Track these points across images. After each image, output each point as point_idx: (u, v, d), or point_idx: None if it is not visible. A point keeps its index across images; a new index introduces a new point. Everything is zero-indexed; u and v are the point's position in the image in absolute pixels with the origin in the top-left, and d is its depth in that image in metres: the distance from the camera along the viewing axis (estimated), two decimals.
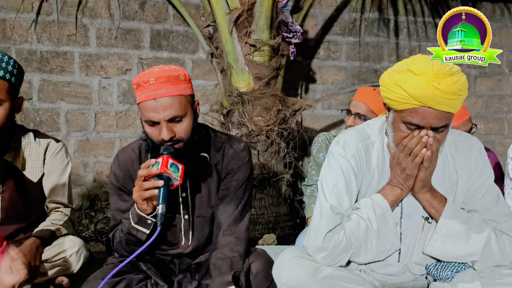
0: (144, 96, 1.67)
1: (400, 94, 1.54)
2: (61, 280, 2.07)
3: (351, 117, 2.71)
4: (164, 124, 1.67)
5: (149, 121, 1.68)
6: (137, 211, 1.73)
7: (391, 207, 1.66)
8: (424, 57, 1.58)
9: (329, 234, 1.64)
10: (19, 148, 2.14)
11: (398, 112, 1.59)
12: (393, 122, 1.63)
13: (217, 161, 1.87)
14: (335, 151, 1.72)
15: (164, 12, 4.06)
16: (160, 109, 1.65)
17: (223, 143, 1.89)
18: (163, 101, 1.65)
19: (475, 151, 1.73)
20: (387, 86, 1.60)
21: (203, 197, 1.87)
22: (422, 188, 1.64)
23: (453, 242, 1.64)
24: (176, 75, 1.70)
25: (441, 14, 4.25)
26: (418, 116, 1.54)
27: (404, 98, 1.53)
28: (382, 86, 1.63)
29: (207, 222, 1.88)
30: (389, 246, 1.67)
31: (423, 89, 1.50)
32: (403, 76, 1.54)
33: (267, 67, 3.53)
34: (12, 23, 3.82)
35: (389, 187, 1.67)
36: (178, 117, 1.68)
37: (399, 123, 1.59)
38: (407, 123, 1.57)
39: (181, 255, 1.91)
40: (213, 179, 1.87)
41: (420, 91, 1.50)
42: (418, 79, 1.51)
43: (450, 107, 1.53)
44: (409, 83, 1.52)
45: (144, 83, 1.67)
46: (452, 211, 1.65)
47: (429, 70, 1.51)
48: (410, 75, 1.53)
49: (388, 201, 1.65)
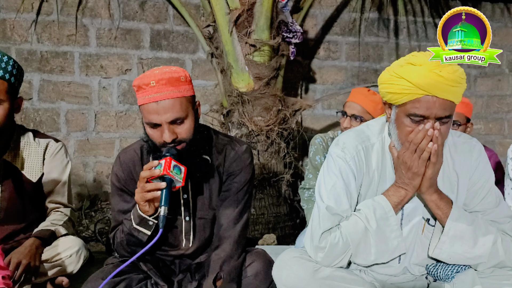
0: (145, 99, 1.66)
1: (403, 85, 1.54)
2: (61, 280, 2.07)
3: (346, 118, 2.69)
4: (166, 126, 1.66)
5: (151, 124, 1.68)
6: (138, 212, 1.72)
7: (394, 208, 1.63)
8: (421, 53, 1.61)
9: (325, 234, 1.64)
10: (19, 148, 2.14)
11: (401, 106, 1.58)
12: (396, 119, 1.62)
13: (219, 163, 1.86)
14: (334, 152, 1.71)
15: (164, 12, 4.06)
16: (161, 112, 1.64)
17: (224, 145, 1.88)
18: (165, 103, 1.64)
19: (475, 152, 1.72)
20: (388, 81, 1.60)
21: (204, 199, 1.87)
22: (429, 188, 1.61)
23: (461, 245, 1.63)
24: (177, 76, 1.69)
25: (441, 14, 4.26)
26: (422, 106, 1.53)
27: (408, 89, 1.54)
28: (383, 83, 1.63)
29: (208, 224, 1.88)
30: (392, 248, 1.64)
31: (426, 77, 1.51)
32: (404, 68, 1.57)
33: (267, 67, 3.53)
34: (12, 23, 3.82)
35: (393, 188, 1.65)
36: (180, 119, 1.68)
37: (403, 118, 1.58)
38: (412, 115, 1.56)
39: (182, 256, 1.91)
40: (214, 181, 1.87)
41: (423, 79, 1.51)
42: (420, 68, 1.54)
43: (453, 95, 1.53)
44: (412, 73, 1.54)
45: (145, 85, 1.66)
46: (459, 213, 1.63)
47: (429, 61, 1.55)
48: (411, 66, 1.56)
49: (391, 202, 1.63)
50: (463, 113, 2.69)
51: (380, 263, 1.68)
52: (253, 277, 1.79)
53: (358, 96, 2.70)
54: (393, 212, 1.63)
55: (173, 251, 1.90)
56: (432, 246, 1.67)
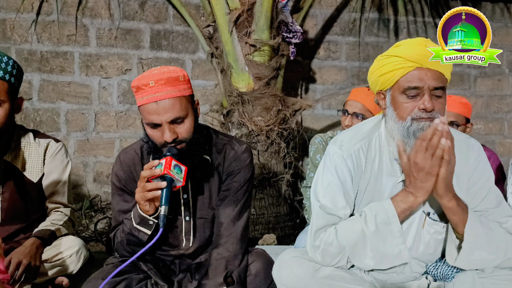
0: (144, 99, 1.67)
1: (394, 62, 1.60)
2: (61, 280, 2.07)
3: (348, 116, 2.70)
4: (166, 126, 1.67)
5: (151, 124, 1.69)
6: (139, 212, 1.73)
7: (400, 214, 1.59)
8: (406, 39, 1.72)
9: (319, 232, 1.64)
10: (19, 148, 2.14)
11: (394, 86, 1.62)
12: (392, 101, 1.63)
13: (218, 163, 1.87)
14: (331, 150, 1.72)
15: (164, 12, 4.06)
16: (161, 112, 1.65)
17: (224, 145, 1.89)
18: (164, 103, 1.65)
19: (474, 152, 1.71)
20: (378, 65, 1.67)
21: (204, 199, 1.87)
22: (447, 192, 1.54)
23: (480, 251, 1.59)
24: (175, 76, 1.70)
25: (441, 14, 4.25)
26: (414, 78, 1.57)
27: (399, 64, 1.59)
28: (373, 72, 1.68)
29: (208, 223, 1.88)
30: (393, 255, 1.61)
31: (415, 49, 1.58)
32: (392, 49, 1.66)
33: (267, 67, 3.53)
34: (12, 23, 3.82)
35: (402, 193, 1.60)
36: (180, 118, 1.69)
37: (398, 97, 1.61)
38: (406, 90, 1.58)
39: (182, 256, 1.91)
40: (214, 181, 1.87)
41: (413, 50, 1.58)
42: (407, 44, 1.63)
43: (442, 68, 1.58)
44: (401, 49, 1.61)
45: (144, 86, 1.67)
46: (474, 219, 1.59)
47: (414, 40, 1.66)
48: (398, 47, 1.65)
49: (397, 208, 1.59)
50: (462, 113, 2.69)
51: (379, 269, 1.67)
52: (253, 277, 1.79)
53: (359, 95, 2.71)
54: (397, 218, 1.59)
55: (173, 251, 1.90)
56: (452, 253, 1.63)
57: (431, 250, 1.71)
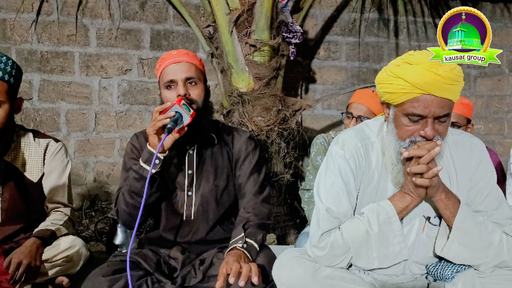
0: (166, 63, 1.93)
1: (401, 85, 1.54)
2: (61, 280, 2.07)
3: (353, 119, 2.67)
4: (181, 83, 1.89)
5: (168, 83, 1.90)
6: (148, 148, 1.84)
7: (399, 214, 1.62)
8: (418, 51, 1.61)
9: (325, 235, 1.64)
10: (19, 148, 2.14)
11: (398, 106, 1.58)
12: (394, 119, 1.61)
13: (226, 143, 2.03)
14: (333, 150, 1.71)
15: (164, 12, 4.06)
16: (178, 71, 1.91)
17: (232, 130, 2.09)
18: (182, 65, 1.92)
19: (476, 151, 1.71)
20: (385, 81, 1.60)
21: (210, 175, 1.97)
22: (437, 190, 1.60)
23: (469, 244, 1.61)
24: (194, 54, 2.00)
25: (441, 14, 4.26)
26: (420, 105, 1.53)
27: (405, 88, 1.53)
28: (380, 83, 1.63)
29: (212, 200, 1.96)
30: (394, 253, 1.64)
31: (423, 76, 1.51)
32: (401, 68, 1.57)
33: (267, 67, 3.53)
34: (12, 23, 3.82)
35: (399, 194, 1.64)
36: (194, 80, 1.92)
37: (401, 117, 1.58)
38: (410, 115, 1.55)
39: (189, 243, 1.96)
40: (221, 159, 2.00)
41: (420, 78, 1.51)
42: (417, 67, 1.54)
43: (450, 94, 1.53)
44: (409, 73, 1.53)
45: (167, 55, 1.96)
46: (466, 212, 1.62)
47: (425, 59, 1.54)
48: (408, 66, 1.56)
49: (395, 207, 1.62)
50: (463, 114, 2.69)
51: (381, 268, 1.68)
52: None
53: (363, 97, 2.69)
54: (397, 218, 1.62)
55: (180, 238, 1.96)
56: (440, 245, 1.66)
57: (431, 253, 1.72)
